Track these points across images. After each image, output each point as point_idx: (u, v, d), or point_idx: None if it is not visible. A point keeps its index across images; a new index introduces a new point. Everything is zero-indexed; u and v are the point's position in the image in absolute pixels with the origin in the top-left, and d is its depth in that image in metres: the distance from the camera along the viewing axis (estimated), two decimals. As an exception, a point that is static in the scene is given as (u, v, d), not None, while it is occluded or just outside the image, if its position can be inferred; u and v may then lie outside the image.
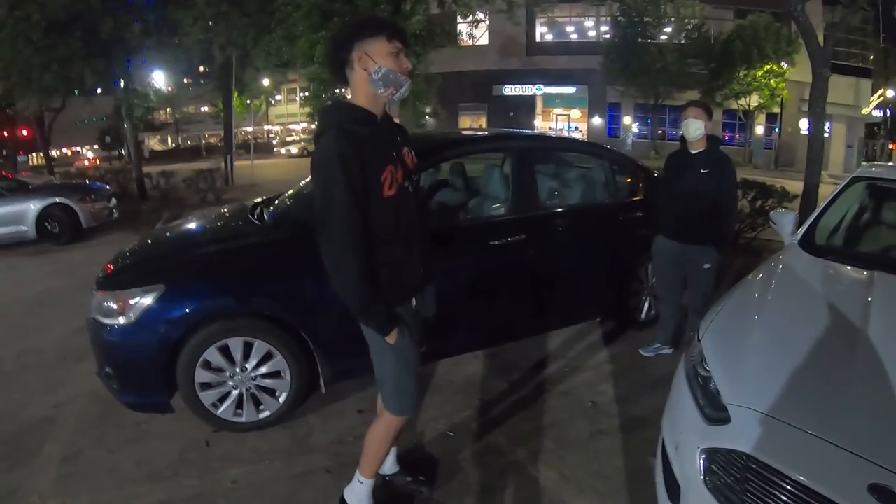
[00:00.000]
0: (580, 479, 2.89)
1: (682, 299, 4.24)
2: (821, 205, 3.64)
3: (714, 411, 2.01)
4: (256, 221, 3.83)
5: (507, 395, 3.77)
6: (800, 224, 3.55)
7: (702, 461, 1.90)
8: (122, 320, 3.04)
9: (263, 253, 3.35)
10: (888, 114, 29.60)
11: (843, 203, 3.71)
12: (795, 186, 8.51)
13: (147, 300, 3.02)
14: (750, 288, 2.83)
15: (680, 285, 4.14)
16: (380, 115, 2.14)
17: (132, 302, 3.03)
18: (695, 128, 3.77)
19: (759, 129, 31.94)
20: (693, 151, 3.86)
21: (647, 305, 4.83)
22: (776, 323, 2.40)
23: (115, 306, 3.07)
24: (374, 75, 2.04)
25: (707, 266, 3.90)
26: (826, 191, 8.29)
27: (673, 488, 2.08)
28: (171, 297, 3.04)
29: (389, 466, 2.77)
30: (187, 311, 3.04)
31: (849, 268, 2.95)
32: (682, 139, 3.93)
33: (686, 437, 2.06)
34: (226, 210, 4.53)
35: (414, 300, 2.33)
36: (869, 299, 2.45)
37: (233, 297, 3.14)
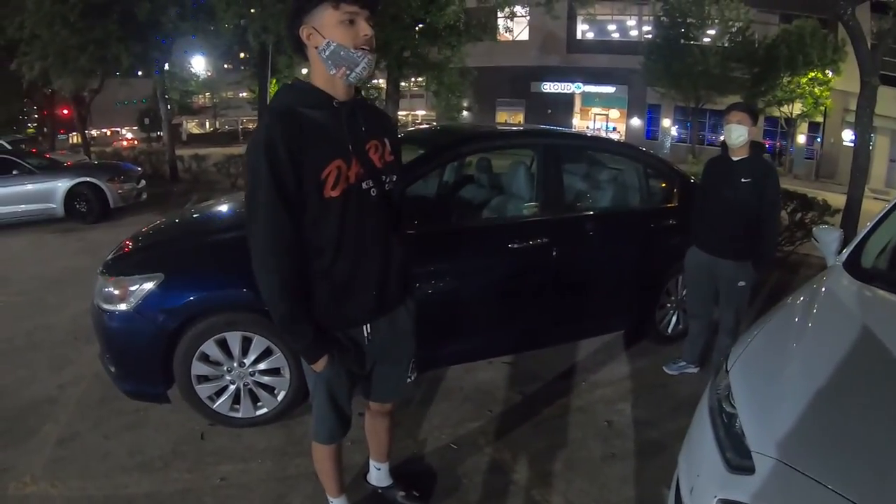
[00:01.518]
0: (586, 507, 2.71)
1: (712, 316, 4.00)
2: (868, 224, 3.37)
3: (737, 457, 1.78)
4: None
5: (518, 408, 3.59)
6: (845, 243, 3.29)
7: None
8: (122, 307, 2.97)
9: None
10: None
11: (893, 222, 3.43)
12: (836, 199, 8.19)
13: (146, 288, 2.94)
14: (788, 315, 2.58)
15: (711, 301, 3.90)
16: (342, 97, 1.81)
17: (132, 289, 2.96)
18: (737, 134, 3.49)
19: (801, 139, 31.12)
20: (735, 158, 3.58)
21: (674, 319, 4.60)
22: (816, 360, 2.14)
23: (116, 292, 2.99)
24: (321, 53, 1.74)
25: (742, 284, 3.65)
26: (868, 206, 8.05)
27: (685, 533, 1.87)
28: (170, 286, 2.95)
29: (383, 479, 2.62)
30: (185, 301, 2.94)
31: None
32: (724, 145, 3.65)
33: (703, 481, 1.84)
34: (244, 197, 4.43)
35: (367, 328, 2.00)
36: None
37: (231, 289, 3.02)
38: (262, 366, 3.13)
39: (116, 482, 2.81)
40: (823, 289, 2.82)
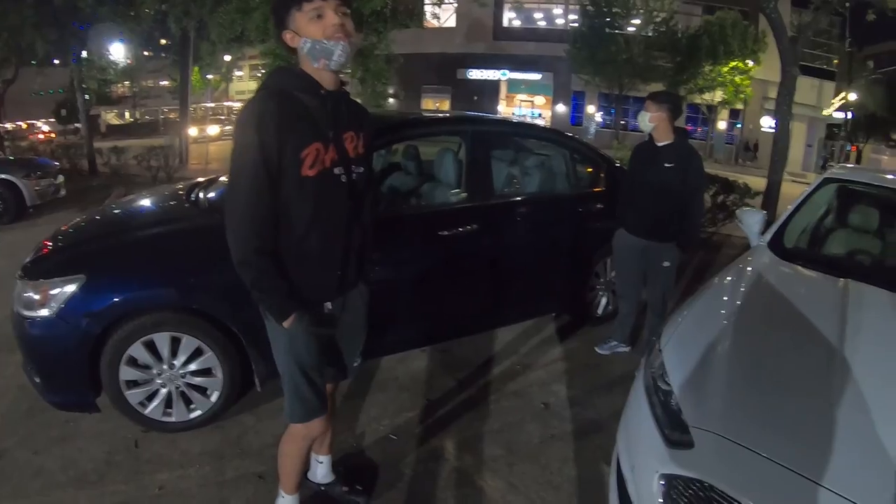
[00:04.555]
0: (529, 489, 2.75)
1: (641, 296, 4.12)
2: (790, 206, 3.55)
3: (675, 432, 1.85)
4: (190, 204, 3.59)
5: (455, 395, 3.62)
6: (768, 224, 3.46)
7: (660, 486, 1.75)
8: (43, 312, 2.79)
9: (191, 240, 3.12)
10: (849, 116, 30.24)
11: (813, 205, 3.62)
12: (756, 182, 8.60)
13: (68, 291, 2.78)
14: (716, 293, 2.70)
15: (640, 282, 4.03)
16: (330, 87, 1.95)
17: (53, 293, 2.79)
18: (645, 121, 3.70)
19: (722, 125, 32.40)
20: (659, 144, 3.72)
21: (604, 301, 4.72)
22: (745, 335, 2.26)
23: (36, 297, 2.81)
24: (301, 52, 1.89)
25: (667, 264, 3.79)
26: (787, 189, 8.46)
27: (628, 509, 1.93)
28: (92, 288, 2.79)
29: (324, 475, 2.59)
30: (108, 303, 2.80)
31: (821, 275, 2.84)
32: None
33: (644, 458, 1.91)
34: (166, 191, 4.27)
35: (329, 305, 2.11)
36: (844, 314, 2.33)
37: (157, 288, 2.91)
38: (192, 366, 3.03)
39: (52, 499, 2.67)
40: (749, 268, 2.96)
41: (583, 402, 3.55)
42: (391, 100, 19.68)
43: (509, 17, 35.50)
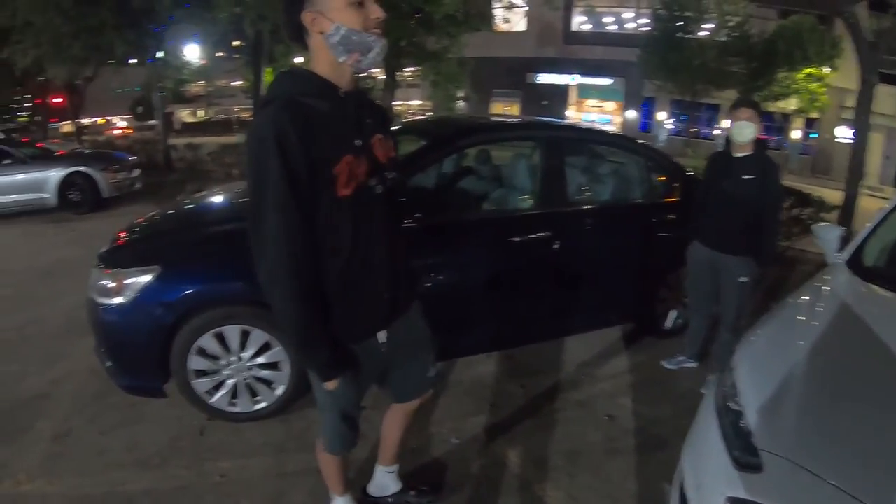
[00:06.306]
0: (589, 502, 2.69)
1: (713, 311, 3.96)
2: (870, 223, 3.35)
3: (744, 455, 1.76)
4: None
5: (518, 402, 3.58)
6: (846, 240, 3.27)
7: None
8: (118, 300, 2.91)
9: None
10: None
11: (894, 221, 3.41)
12: (831, 195, 8.24)
13: (143, 281, 2.88)
14: (792, 313, 2.56)
15: (712, 296, 3.86)
16: (346, 87, 1.68)
17: (128, 282, 2.90)
18: (748, 132, 3.46)
19: (796, 134, 31.18)
20: (737, 155, 3.56)
21: (674, 314, 4.57)
22: (821, 359, 2.13)
23: (112, 285, 2.94)
24: (330, 39, 1.60)
25: (743, 279, 3.62)
26: (864, 203, 8.06)
27: (689, 530, 1.85)
28: (167, 279, 2.90)
29: (387, 487, 2.53)
30: (182, 295, 2.90)
31: None
32: (727, 140, 3.63)
33: (710, 479, 1.83)
34: (239, 188, 4.37)
35: (383, 334, 1.89)
36: None
37: (229, 282, 2.97)
38: (260, 360, 3.10)
39: (113, 478, 2.76)
40: (827, 287, 2.81)
41: (647, 417, 3.45)
42: (461, 103, 19.79)
43: (579, 22, 35.07)
